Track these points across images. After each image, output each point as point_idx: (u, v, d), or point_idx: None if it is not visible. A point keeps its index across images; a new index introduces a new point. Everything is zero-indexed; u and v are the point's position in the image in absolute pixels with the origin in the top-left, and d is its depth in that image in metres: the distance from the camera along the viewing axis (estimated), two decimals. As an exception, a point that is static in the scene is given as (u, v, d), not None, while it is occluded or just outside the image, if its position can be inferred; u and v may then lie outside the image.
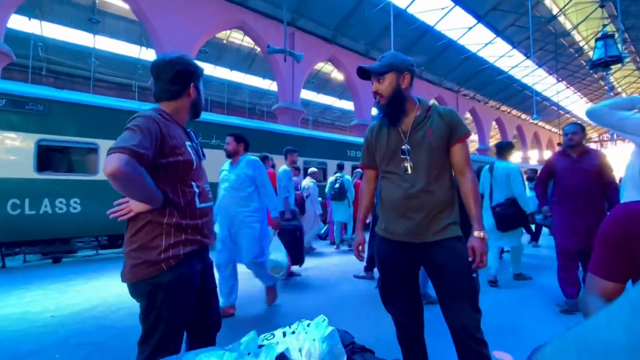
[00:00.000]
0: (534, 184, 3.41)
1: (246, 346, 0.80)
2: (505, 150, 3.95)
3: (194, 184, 1.26)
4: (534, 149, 28.64)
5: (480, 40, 14.79)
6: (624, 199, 1.78)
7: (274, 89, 14.17)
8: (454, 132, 1.41)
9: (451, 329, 1.36)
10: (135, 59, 13.82)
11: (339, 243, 6.39)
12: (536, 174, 7.57)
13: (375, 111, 1.65)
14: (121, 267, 1.19)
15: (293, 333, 0.92)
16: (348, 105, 19.34)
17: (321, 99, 19.75)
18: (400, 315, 1.52)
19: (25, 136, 4.78)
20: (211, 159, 6.31)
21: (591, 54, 9.51)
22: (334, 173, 6.38)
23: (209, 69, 15.39)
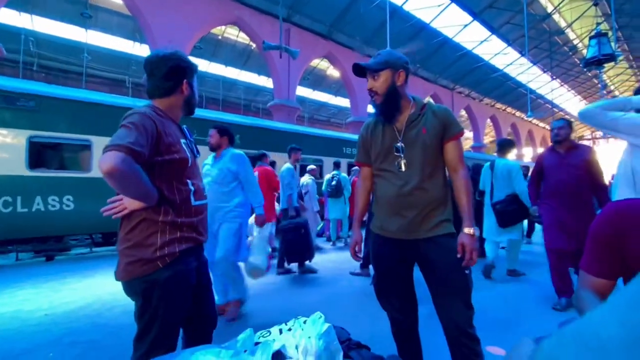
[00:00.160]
0: (527, 183, 3.43)
1: (242, 343, 0.80)
2: (506, 147, 4.03)
3: (189, 181, 1.26)
4: (528, 146, 28.90)
5: (475, 38, 14.84)
6: (615, 196, 1.80)
7: (269, 85, 14.08)
8: (448, 130, 1.42)
9: (444, 325, 1.38)
10: (128, 54, 13.65)
11: (334, 240, 6.48)
12: (528, 170, 7.66)
13: (371, 108, 1.64)
14: (116, 265, 1.18)
15: (290, 330, 0.93)
16: (344, 102, 19.33)
17: (317, 95, 19.71)
18: (395, 311, 1.53)
19: (17, 132, 4.70)
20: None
21: (585, 52, 9.59)
22: (331, 170, 6.41)
23: (204, 65, 15.26)
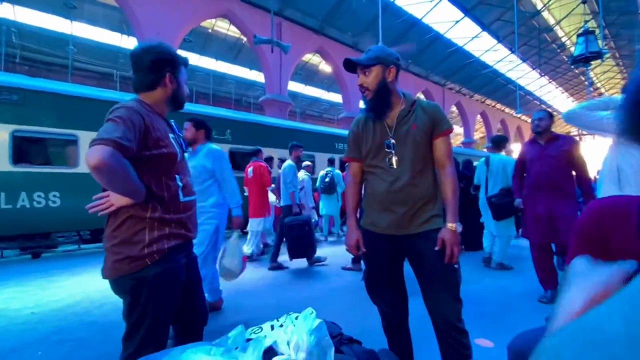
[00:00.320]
0: (512, 176, 3.48)
1: (234, 340, 0.80)
2: (500, 143, 4.23)
3: (177, 177, 1.24)
4: (517, 142, 29.36)
5: (466, 34, 14.93)
6: (600, 193, 1.84)
7: (261, 80, 13.95)
8: (437, 126, 1.43)
9: (433, 318, 1.40)
10: (115, 47, 13.32)
11: (326, 235, 6.54)
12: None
13: (363, 104, 1.62)
14: (103, 263, 1.16)
15: (281, 326, 0.93)
16: (336, 97, 19.27)
17: (309, 91, 19.60)
18: (385, 305, 1.55)
19: (-1, 127, 4.57)
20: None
21: (573, 49, 9.74)
22: (323, 166, 6.45)
23: (194, 59, 15.00)
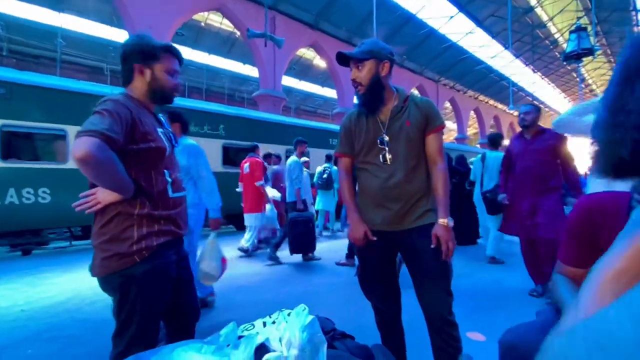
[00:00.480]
0: (499, 171, 3.49)
1: (225, 338, 0.79)
2: (497, 142, 4.37)
3: (166, 172, 1.21)
4: (509, 138, 29.61)
5: (460, 30, 14.95)
6: (590, 189, 1.86)
7: (254, 74, 13.81)
8: (430, 122, 1.42)
9: (424, 311, 1.41)
10: (106, 40, 13.05)
11: (322, 230, 6.58)
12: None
13: (356, 99, 1.59)
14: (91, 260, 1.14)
15: (273, 323, 0.92)
16: (331, 93, 19.20)
17: (303, 86, 19.50)
18: (378, 301, 1.56)
19: (-14, 121, 4.47)
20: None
21: (565, 46, 9.82)
22: (320, 163, 6.48)
23: (186, 53, 14.77)
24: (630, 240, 0.30)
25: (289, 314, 0.94)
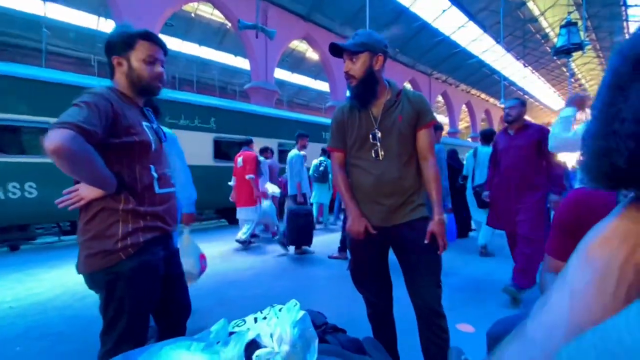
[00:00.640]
0: (487, 168, 3.51)
1: (216, 335, 0.79)
2: (489, 136, 4.42)
3: (152, 167, 1.18)
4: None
5: (453, 24, 14.94)
6: (580, 183, 1.88)
7: (246, 67, 13.62)
8: (421, 117, 1.42)
9: (414, 303, 1.43)
10: (93, 30, 12.71)
11: (315, 223, 6.57)
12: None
13: (348, 92, 1.57)
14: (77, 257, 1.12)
15: (265, 319, 0.92)
16: (324, 86, 19.08)
17: (296, 79, 19.33)
18: (370, 294, 1.57)
19: (-32, 114, 4.33)
20: (180, 140, 6.06)
21: (556, 40, 9.90)
22: (318, 157, 6.46)
23: (176, 44, 14.51)
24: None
25: (280, 310, 0.93)
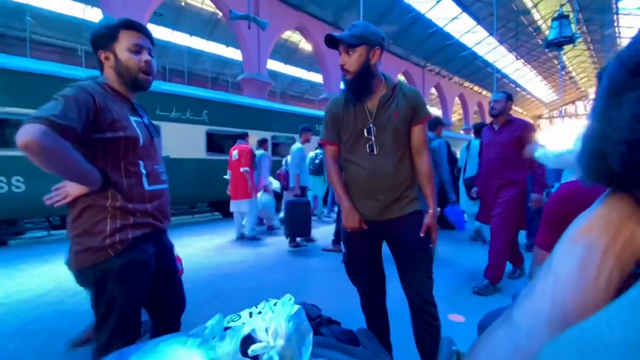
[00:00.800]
0: (478, 163, 3.52)
1: (211, 330, 0.79)
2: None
3: (141, 163, 1.15)
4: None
5: (446, 15, 14.88)
6: (567, 177, 1.91)
7: (239, 58, 13.38)
8: (417, 113, 1.42)
9: (407, 293, 1.47)
10: (79, 19, 12.32)
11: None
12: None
13: (343, 85, 1.54)
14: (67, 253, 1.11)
15: (260, 313, 0.92)
16: (317, 77, 18.91)
17: (289, 70, 19.10)
18: (364, 286, 1.60)
19: (-51, 106, 4.19)
20: (171, 133, 5.98)
21: (548, 33, 9.94)
22: (314, 149, 6.44)
23: (166, 34, 14.18)
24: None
25: (275, 304, 0.94)
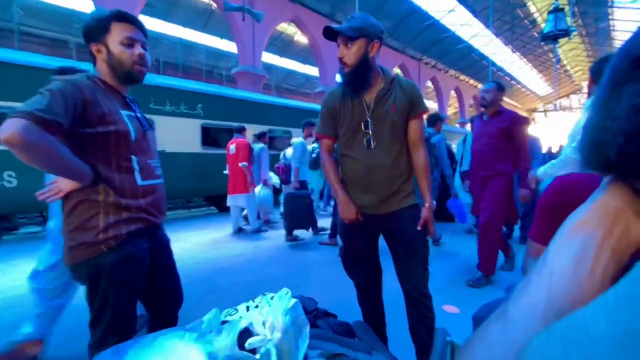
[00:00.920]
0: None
1: (208, 324, 0.79)
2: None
3: (133, 158, 1.13)
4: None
5: (442, 8, 14.81)
6: (560, 169, 1.92)
7: (233, 50, 13.24)
8: (414, 107, 1.41)
9: (403, 286, 1.49)
10: (69, 10, 12.05)
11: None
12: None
13: (340, 78, 1.52)
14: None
15: (257, 307, 0.93)
16: (313, 70, 18.76)
17: (284, 63, 18.93)
18: (361, 279, 1.61)
19: (-63, 99, 4.10)
20: (166, 127, 5.92)
21: (544, 26, 9.93)
22: (311, 143, 6.43)
23: (158, 25, 13.93)
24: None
25: (272, 298, 0.95)
